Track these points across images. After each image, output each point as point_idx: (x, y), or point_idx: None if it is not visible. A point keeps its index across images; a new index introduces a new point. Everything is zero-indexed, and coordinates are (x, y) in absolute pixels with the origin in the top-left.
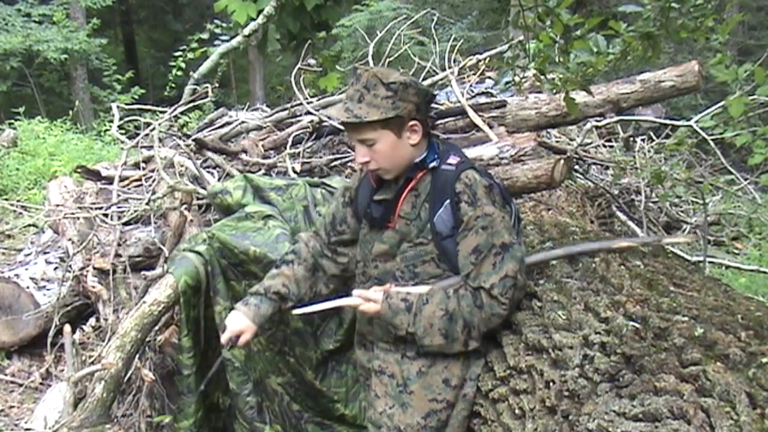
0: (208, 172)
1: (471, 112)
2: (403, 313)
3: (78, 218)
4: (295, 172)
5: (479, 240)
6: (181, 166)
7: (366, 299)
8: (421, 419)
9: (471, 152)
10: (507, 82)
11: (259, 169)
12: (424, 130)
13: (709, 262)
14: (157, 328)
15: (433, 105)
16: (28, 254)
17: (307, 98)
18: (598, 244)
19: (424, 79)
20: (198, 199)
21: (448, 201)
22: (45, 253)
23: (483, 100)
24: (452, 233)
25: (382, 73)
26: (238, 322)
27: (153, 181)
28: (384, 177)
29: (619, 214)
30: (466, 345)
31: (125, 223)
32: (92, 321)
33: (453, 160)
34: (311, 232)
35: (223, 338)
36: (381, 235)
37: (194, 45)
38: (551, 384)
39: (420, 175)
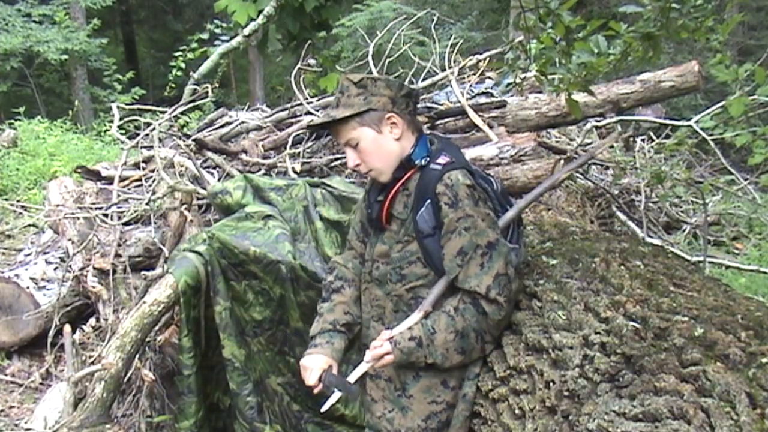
0: (208, 172)
1: (471, 112)
2: (417, 351)
3: (78, 218)
4: (295, 172)
5: (463, 241)
6: (181, 166)
7: (378, 357)
8: (421, 422)
9: (471, 152)
10: (509, 84)
11: (259, 169)
12: (406, 124)
13: (709, 262)
14: (157, 328)
15: (433, 105)
16: (28, 254)
17: (307, 98)
18: (542, 186)
19: (424, 79)
20: (198, 199)
21: (429, 201)
22: (45, 253)
23: (483, 100)
24: (433, 233)
25: (353, 76)
26: (318, 360)
27: (153, 181)
28: (380, 179)
29: (619, 214)
30: (483, 350)
31: (125, 223)
32: (92, 321)
33: (442, 160)
34: (345, 252)
35: (311, 381)
36: (382, 236)
37: (194, 45)
38: (551, 384)
39: (409, 174)
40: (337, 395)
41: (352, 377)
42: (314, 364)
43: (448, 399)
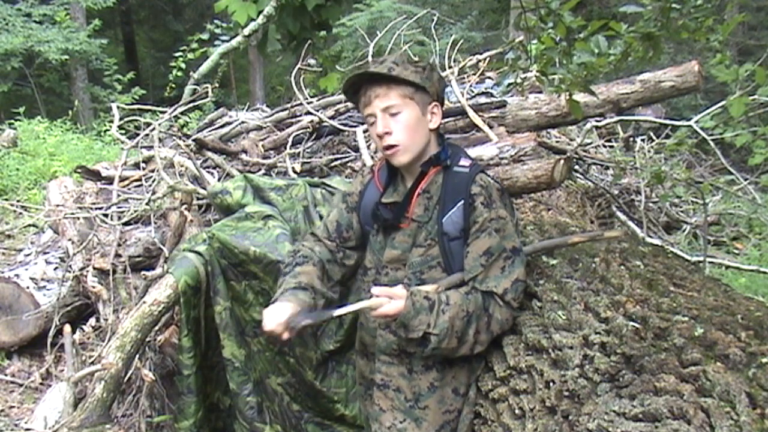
0: (208, 172)
1: (471, 112)
2: (425, 313)
3: (78, 218)
4: (295, 172)
5: (492, 242)
6: (181, 166)
7: (390, 296)
8: None
9: (471, 152)
10: (509, 84)
11: (259, 169)
12: (440, 121)
13: (709, 262)
14: (157, 328)
15: None
16: (28, 254)
17: (307, 98)
18: (553, 241)
19: None
20: (198, 199)
21: (461, 202)
22: (45, 253)
23: (483, 100)
24: (460, 235)
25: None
26: (282, 308)
27: (153, 181)
28: (397, 158)
29: (619, 214)
30: (472, 350)
31: (125, 223)
32: (92, 321)
33: (465, 162)
34: (313, 239)
35: (269, 326)
36: (392, 240)
37: (194, 45)
38: (551, 384)
39: (433, 171)
40: (341, 311)
41: (357, 305)
42: (276, 311)
43: (458, 406)
